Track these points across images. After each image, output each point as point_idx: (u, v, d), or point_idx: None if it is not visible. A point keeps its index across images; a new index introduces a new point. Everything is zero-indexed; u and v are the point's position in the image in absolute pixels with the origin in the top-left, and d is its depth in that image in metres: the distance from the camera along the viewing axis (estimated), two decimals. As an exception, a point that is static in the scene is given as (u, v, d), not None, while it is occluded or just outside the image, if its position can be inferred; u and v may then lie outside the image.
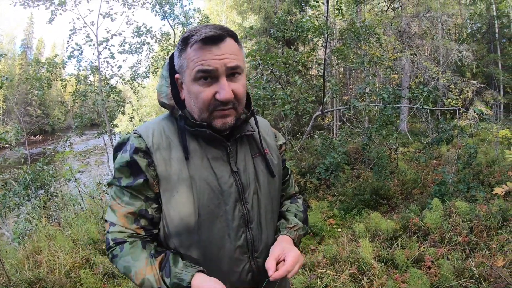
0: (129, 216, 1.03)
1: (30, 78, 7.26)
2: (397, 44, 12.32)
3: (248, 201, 1.09)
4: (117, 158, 1.07)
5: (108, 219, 1.06)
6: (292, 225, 1.19)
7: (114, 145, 1.14)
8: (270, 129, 1.29)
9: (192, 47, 0.97)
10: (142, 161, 1.02)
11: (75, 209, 6.14)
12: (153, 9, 8.29)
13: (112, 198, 1.06)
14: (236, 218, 1.06)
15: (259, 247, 1.11)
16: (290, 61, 7.15)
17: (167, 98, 1.09)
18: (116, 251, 1.02)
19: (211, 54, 0.96)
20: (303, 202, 1.36)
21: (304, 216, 1.27)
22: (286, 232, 1.16)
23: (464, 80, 12.27)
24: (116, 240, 1.03)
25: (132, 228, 1.04)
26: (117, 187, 1.05)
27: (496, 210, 3.91)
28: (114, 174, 1.07)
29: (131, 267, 0.98)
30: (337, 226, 5.14)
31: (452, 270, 2.93)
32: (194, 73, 0.97)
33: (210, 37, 0.95)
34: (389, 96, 5.44)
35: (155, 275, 0.97)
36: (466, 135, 5.96)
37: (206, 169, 1.04)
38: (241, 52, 1.03)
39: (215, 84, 0.98)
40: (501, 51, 16.54)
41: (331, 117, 14.56)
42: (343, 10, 6.44)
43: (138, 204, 1.03)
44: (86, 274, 3.54)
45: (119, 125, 8.32)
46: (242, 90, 1.03)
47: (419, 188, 6.09)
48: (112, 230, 1.04)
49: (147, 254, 1.01)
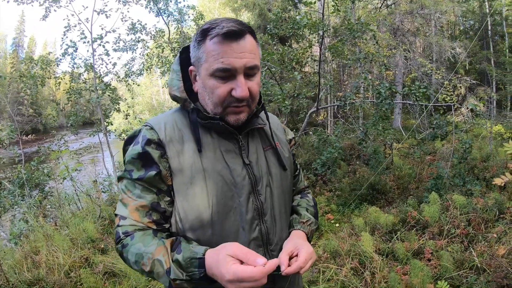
0: (140, 209, 1.02)
1: (23, 76, 7.17)
2: (390, 41, 12.40)
3: (261, 193, 1.08)
4: (128, 151, 1.06)
5: (118, 213, 1.04)
6: (305, 219, 1.19)
7: (125, 139, 1.13)
8: (280, 124, 1.30)
9: (212, 40, 0.96)
10: (155, 153, 1.02)
11: (71, 208, 6.10)
12: (147, 6, 8.24)
13: (122, 192, 1.05)
14: (250, 210, 1.05)
15: (274, 239, 1.10)
16: (285, 58, 7.16)
17: (179, 91, 1.09)
18: (127, 241, 0.99)
19: (232, 50, 0.95)
20: (313, 197, 1.37)
21: (314, 210, 1.28)
22: (300, 227, 1.17)
23: (457, 77, 12.39)
24: (127, 233, 1.01)
25: (143, 222, 1.02)
26: (128, 180, 1.04)
27: (493, 203, 3.97)
28: (125, 167, 1.06)
29: (142, 254, 0.95)
30: (335, 221, 5.18)
31: (452, 261, 2.98)
32: (213, 69, 0.97)
33: (231, 33, 0.95)
34: (386, 91, 5.47)
35: (164, 255, 0.93)
36: (460, 131, 6.03)
37: (219, 162, 1.04)
38: (258, 49, 1.04)
39: (231, 81, 0.98)
40: (494, 48, 16.72)
41: (325, 113, 14.62)
42: (339, 7, 6.45)
43: (150, 197, 1.02)
44: (86, 273, 3.52)
45: (113, 123, 8.24)
46: (257, 88, 1.03)
47: (415, 183, 6.15)
48: (123, 223, 1.02)
49: (158, 239, 0.98)
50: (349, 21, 7.08)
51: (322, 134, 7.12)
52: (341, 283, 3.00)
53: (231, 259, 0.86)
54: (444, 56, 14.13)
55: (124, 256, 1.00)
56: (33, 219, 4.92)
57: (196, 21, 8.84)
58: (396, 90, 5.86)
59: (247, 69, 0.98)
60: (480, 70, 16.50)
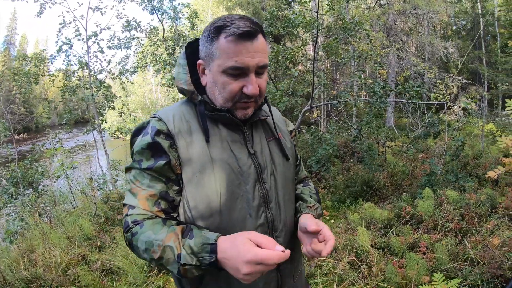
0: (149, 198, 1.04)
1: (16, 74, 7.10)
2: (384, 40, 12.50)
3: (266, 181, 1.12)
4: (136, 141, 1.09)
5: (127, 203, 1.06)
6: (312, 204, 1.24)
7: (133, 130, 1.15)
8: (281, 116, 1.35)
9: (227, 38, 0.99)
10: (165, 142, 1.05)
11: (66, 207, 6.06)
12: (142, 3, 8.21)
13: (131, 182, 1.07)
14: (256, 197, 1.09)
15: (279, 226, 1.14)
16: (279, 56, 7.20)
17: (186, 84, 1.12)
18: (136, 229, 1.00)
19: (246, 50, 0.99)
20: (314, 185, 1.42)
21: (317, 198, 1.32)
22: (308, 211, 1.21)
23: (450, 76, 12.52)
24: (136, 222, 1.02)
25: (152, 211, 1.04)
26: (136, 170, 1.06)
27: (485, 198, 4.06)
28: (134, 158, 1.08)
29: (152, 241, 0.96)
30: (330, 218, 5.23)
31: (447, 254, 3.04)
32: (226, 67, 1.00)
33: (247, 33, 0.98)
34: (380, 89, 5.53)
35: (175, 241, 0.95)
36: (453, 129, 6.12)
37: (226, 151, 1.07)
38: (268, 48, 1.08)
39: (243, 79, 1.02)
40: (486, 48, 16.96)
41: (318, 112, 14.69)
42: (334, 6, 6.51)
43: (159, 186, 1.04)
44: (84, 271, 3.52)
45: (106, 121, 8.17)
46: (265, 85, 1.08)
47: (408, 179, 6.22)
48: (132, 212, 1.04)
49: (168, 227, 1.00)
50: (343, 20, 7.13)
51: (316, 132, 7.17)
52: (339, 276, 3.05)
53: (252, 243, 0.88)
54: (437, 55, 14.28)
55: (133, 244, 1.01)
56: (29, 217, 4.90)
57: (190, 19, 8.83)
58: (391, 88, 5.92)
59: (258, 68, 1.03)
60: (472, 69, 16.70)
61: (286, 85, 7.55)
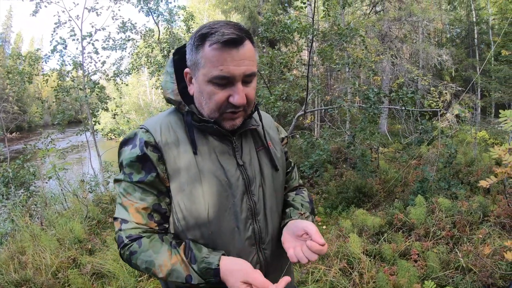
0: (142, 211, 1.03)
1: (10, 73, 7.04)
2: (378, 47, 12.59)
3: (255, 193, 1.11)
4: (125, 153, 1.06)
5: (118, 217, 1.04)
6: (303, 212, 1.21)
7: (121, 141, 1.13)
8: (273, 123, 1.31)
9: (212, 46, 0.95)
10: (153, 155, 1.03)
11: (57, 208, 6.00)
12: (138, 5, 8.19)
13: (121, 195, 1.05)
14: (244, 210, 1.08)
15: (266, 238, 1.13)
16: (274, 61, 7.21)
17: (173, 94, 1.09)
18: (134, 248, 1.00)
19: (231, 58, 0.95)
20: (308, 194, 1.38)
21: (310, 207, 1.29)
22: (298, 217, 1.17)
23: (443, 83, 12.62)
24: (131, 237, 1.02)
25: (146, 224, 1.03)
26: (127, 183, 1.04)
27: (477, 206, 4.08)
28: (123, 170, 1.06)
29: (154, 261, 0.97)
30: (323, 223, 5.24)
31: (438, 261, 3.05)
32: (211, 76, 0.96)
33: (232, 40, 0.94)
34: (374, 96, 5.56)
35: (181, 264, 0.98)
36: (446, 136, 6.17)
37: (214, 163, 1.06)
38: (256, 55, 1.04)
39: (229, 88, 0.98)
40: (479, 56, 17.11)
41: (312, 117, 14.72)
42: (329, 12, 6.54)
43: (151, 199, 1.03)
44: (74, 274, 3.48)
45: (100, 122, 8.13)
46: (253, 94, 1.04)
47: (401, 186, 6.26)
48: (125, 227, 1.03)
49: (167, 245, 1.01)
50: (339, 26, 7.17)
51: (309, 138, 7.19)
52: (330, 283, 3.04)
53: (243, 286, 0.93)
54: (431, 63, 14.40)
55: (132, 262, 1.01)
56: (20, 218, 4.84)
57: (186, 22, 8.83)
58: (386, 94, 5.95)
59: (245, 76, 0.98)
60: (466, 77, 16.86)
61: (280, 90, 7.57)
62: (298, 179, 1.43)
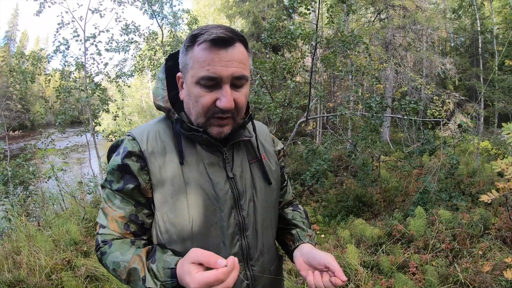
0: (119, 220, 1.01)
1: (13, 71, 7.06)
2: (382, 55, 12.57)
3: (244, 208, 1.06)
4: (110, 160, 1.05)
5: (99, 221, 1.04)
6: (310, 233, 1.21)
7: (109, 147, 1.11)
8: (269, 134, 1.26)
9: (200, 46, 0.93)
10: (134, 165, 0.99)
11: (55, 208, 5.99)
12: (142, 7, 8.21)
13: (104, 201, 1.04)
14: (231, 225, 1.03)
15: (254, 255, 1.08)
16: (277, 66, 7.19)
17: (163, 100, 1.06)
18: (105, 249, 0.99)
19: (219, 58, 0.92)
20: (303, 209, 1.35)
21: (308, 223, 1.28)
22: (308, 240, 1.17)
23: (447, 92, 12.60)
24: (105, 242, 1.01)
25: (121, 233, 1.02)
26: (108, 190, 1.03)
27: (478, 218, 4.03)
28: (106, 177, 1.05)
29: (119, 262, 0.95)
30: (321, 232, 5.18)
31: (436, 275, 3.00)
32: (198, 77, 0.93)
33: (220, 39, 0.91)
34: (376, 105, 5.52)
35: (139, 264, 0.93)
36: (448, 146, 6.12)
37: (201, 175, 1.01)
38: (248, 60, 0.99)
39: (217, 90, 0.94)
40: (483, 65, 17.03)
41: (314, 124, 14.70)
42: (333, 19, 6.52)
43: (128, 209, 1.01)
44: (68, 276, 3.46)
45: (101, 123, 8.14)
46: (244, 100, 0.99)
47: (401, 196, 6.20)
48: (102, 232, 1.02)
49: (135, 248, 0.98)
50: (343, 33, 7.16)
51: (311, 145, 7.15)
52: (326, 294, 2.99)
53: (194, 267, 0.84)
54: (434, 71, 14.36)
55: (103, 263, 1.01)
56: (16, 217, 4.82)
57: (190, 25, 8.84)
58: (387, 104, 5.91)
59: (234, 79, 0.94)
60: (469, 86, 16.81)
61: (282, 96, 7.55)
62: (291, 192, 1.38)
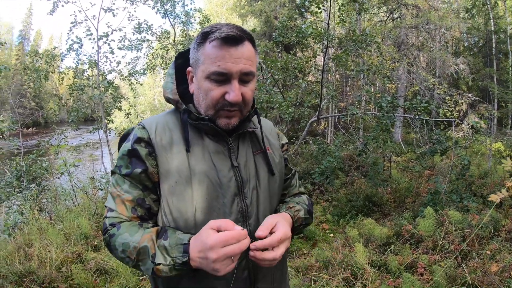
0: (127, 203, 1.05)
1: (27, 69, 7.20)
2: (394, 54, 12.45)
3: (247, 196, 1.09)
4: (121, 147, 1.11)
5: (107, 205, 1.08)
6: (291, 205, 1.19)
7: (121, 136, 1.18)
8: (274, 129, 1.31)
9: (211, 43, 0.99)
10: (143, 150, 1.05)
11: (67, 204, 6.08)
12: (155, 7, 8.30)
13: (113, 185, 1.09)
14: (234, 212, 1.06)
15: None
16: (288, 65, 7.20)
17: (172, 93, 1.13)
18: (113, 231, 1.02)
19: (229, 55, 0.98)
20: (308, 198, 1.35)
21: (308, 208, 1.26)
22: (284, 210, 1.16)
23: (460, 93, 12.41)
24: (113, 225, 1.05)
25: (128, 216, 1.05)
26: (118, 175, 1.08)
27: (488, 220, 3.97)
28: (116, 163, 1.10)
29: (129, 243, 0.97)
30: (330, 231, 5.17)
31: (444, 276, 2.97)
32: (209, 72, 0.99)
33: (231, 37, 0.97)
34: (387, 105, 5.48)
35: (149, 242, 0.96)
36: (460, 147, 6.04)
37: (206, 162, 1.06)
38: (256, 57, 1.06)
39: (226, 85, 1.01)
40: (497, 66, 16.69)
41: (326, 123, 14.63)
42: (344, 18, 6.49)
43: (136, 193, 1.05)
44: (78, 269, 3.51)
45: (114, 121, 8.27)
46: (250, 94, 1.05)
47: (412, 196, 6.14)
48: (110, 215, 1.06)
49: (144, 229, 1.01)
50: (354, 32, 7.12)
51: (321, 144, 7.12)
52: (332, 293, 3.00)
53: (213, 231, 0.90)
54: (447, 71, 14.16)
55: (111, 246, 1.02)
56: (29, 211, 4.92)
57: (202, 24, 8.90)
58: (398, 104, 5.85)
59: (242, 74, 1.00)
60: (483, 87, 16.51)
61: (294, 95, 7.55)
62: (298, 186, 1.39)
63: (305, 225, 1.24)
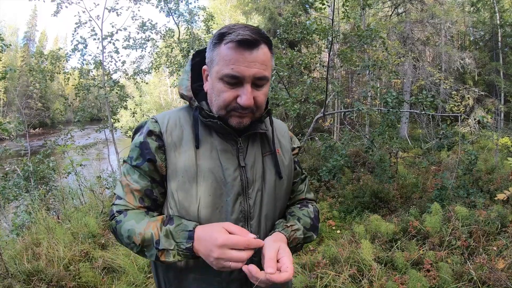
0: (135, 193, 1.08)
1: (33, 70, 7.26)
2: (400, 49, 12.36)
3: (251, 197, 1.09)
4: (134, 139, 1.14)
5: (116, 192, 1.12)
6: (289, 224, 1.13)
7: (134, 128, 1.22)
8: (287, 132, 1.30)
9: (227, 45, 0.99)
10: (153, 143, 1.08)
11: (74, 203, 6.14)
12: (158, 5, 8.30)
13: (123, 174, 1.12)
14: (235, 211, 1.07)
15: None
16: (293, 62, 7.18)
17: (186, 90, 1.15)
18: (120, 218, 1.06)
19: (243, 59, 0.98)
20: (314, 209, 1.28)
21: (311, 222, 1.20)
22: (280, 229, 1.10)
23: (466, 87, 12.29)
24: (120, 212, 1.08)
25: (135, 205, 1.08)
26: (128, 165, 1.11)
27: (495, 216, 3.94)
28: (129, 153, 1.13)
29: (135, 229, 1.01)
30: (337, 228, 5.17)
31: (451, 273, 2.96)
32: (222, 74, 1.00)
33: (246, 41, 0.97)
34: (393, 100, 5.44)
35: (153, 228, 0.99)
36: (467, 142, 5.99)
37: (213, 160, 1.07)
38: (271, 61, 1.05)
39: (239, 88, 1.01)
40: (503, 60, 16.48)
41: (331, 119, 14.57)
42: (349, 13, 6.44)
43: (144, 183, 1.08)
44: (85, 267, 3.55)
45: (120, 120, 8.33)
46: (263, 98, 1.06)
47: (419, 192, 6.11)
48: (118, 203, 1.09)
49: (150, 217, 1.05)
50: (359, 27, 7.07)
51: (328, 140, 7.09)
52: (339, 289, 2.99)
53: (225, 230, 0.94)
54: (453, 66, 14.04)
55: (117, 232, 1.06)
56: (37, 211, 4.96)
57: (206, 22, 8.89)
58: (403, 99, 5.81)
59: (256, 79, 1.00)
60: (489, 81, 16.33)
61: (299, 92, 7.52)
62: (306, 192, 1.33)
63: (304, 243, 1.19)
